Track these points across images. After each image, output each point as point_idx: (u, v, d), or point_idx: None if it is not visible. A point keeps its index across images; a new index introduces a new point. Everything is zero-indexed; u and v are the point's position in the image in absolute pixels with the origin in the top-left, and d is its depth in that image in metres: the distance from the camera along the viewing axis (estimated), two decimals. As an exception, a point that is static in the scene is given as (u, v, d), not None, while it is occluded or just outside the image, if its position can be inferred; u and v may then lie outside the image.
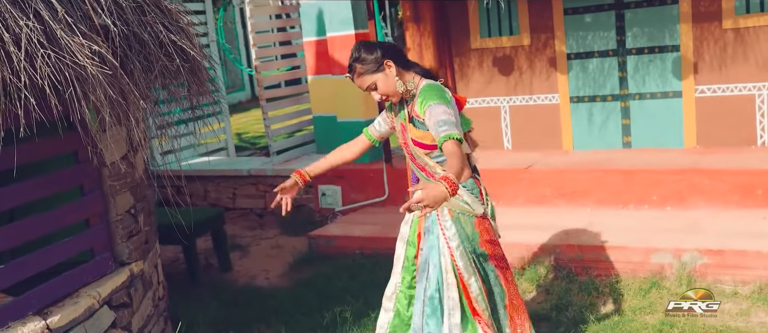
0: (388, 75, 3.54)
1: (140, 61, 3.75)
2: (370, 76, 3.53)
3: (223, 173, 8.76)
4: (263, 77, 8.61)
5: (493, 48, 7.73)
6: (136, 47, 3.73)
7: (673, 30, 6.95)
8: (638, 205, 6.47)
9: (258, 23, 8.72)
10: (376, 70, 3.52)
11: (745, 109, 6.79)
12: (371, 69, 3.52)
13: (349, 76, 3.60)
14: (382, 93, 3.56)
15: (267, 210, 8.51)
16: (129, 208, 4.24)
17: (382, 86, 3.54)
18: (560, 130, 7.61)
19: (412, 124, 3.62)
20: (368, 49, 3.56)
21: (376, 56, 3.54)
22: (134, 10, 3.74)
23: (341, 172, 7.86)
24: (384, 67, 3.54)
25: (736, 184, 6.11)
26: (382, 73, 3.53)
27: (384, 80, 3.53)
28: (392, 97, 3.61)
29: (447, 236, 3.63)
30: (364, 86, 3.55)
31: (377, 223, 7.10)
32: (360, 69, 3.53)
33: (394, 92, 3.58)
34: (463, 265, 3.62)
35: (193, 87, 4.17)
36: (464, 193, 3.61)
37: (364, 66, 3.52)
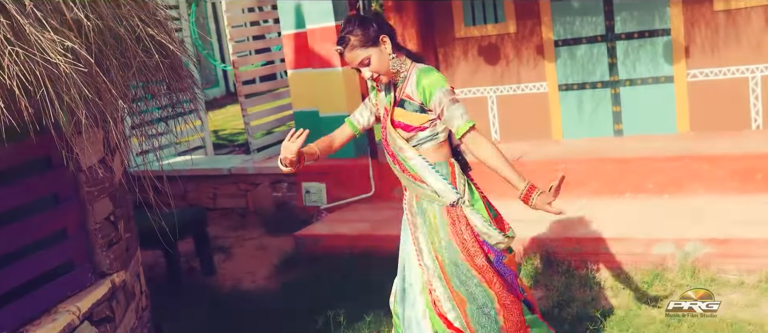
0: (383, 51, 3.33)
1: (117, 57, 3.48)
2: (365, 49, 3.30)
3: (202, 172, 8.47)
4: (241, 73, 8.32)
5: (479, 36, 7.52)
6: (111, 43, 3.46)
7: (663, 13, 6.78)
8: (634, 193, 6.30)
9: (234, 17, 8.44)
10: (371, 45, 3.31)
11: (738, 92, 6.64)
12: (366, 42, 3.30)
13: (339, 49, 3.34)
14: (375, 70, 3.34)
15: (249, 209, 8.25)
16: (108, 215, 3.97)
17: (376, 62, 3.32)
18: (549, 119, 7.42)
19: (401, 106, 3.41)
20: (364, 22, 3.34)
21: (372, 29, 3.32)
22: (108, 2, 3.48)
23: (325, 168, 7.62)
24: (380, 43, 3.33)
25: (735, 169, 5.96)
26: (377, 49, 3.32)
27: (378, 56, 3.32)
28: (383, 76, 3.38)
29: (415, 235, 3.46)
30: (356, 61, 3.32)
31: (365, 220, 6.87)
32: (354, 41, 3.30)
33: (387, 70, 3.37)
34: (431, 266, 3.44)
35: (173, 84, 3.91)
36: (434, 179, 3.39)
37: (359, 39, 3.29)
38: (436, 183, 3.40)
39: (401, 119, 3.38)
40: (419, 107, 3.35)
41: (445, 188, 3.40)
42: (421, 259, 3.49)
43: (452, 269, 3.39)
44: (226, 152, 10.80)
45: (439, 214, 3.39)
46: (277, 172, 7.94)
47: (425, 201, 3.44)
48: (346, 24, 3.35)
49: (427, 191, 3.42)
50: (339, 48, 3.32)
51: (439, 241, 3.40)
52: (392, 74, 3.38)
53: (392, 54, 3.35)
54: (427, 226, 3.42)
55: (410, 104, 3.37)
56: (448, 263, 3.39)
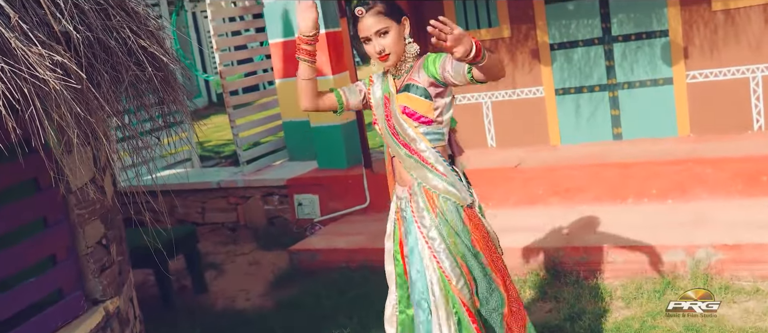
0: (401, 31, 3.18)
1: (108, 71, 3.28)
2: (387, 19, 3.13)
3: (190, 186, 8.22)
4: (228, 83, 8.10)
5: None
6: (102, 56, 3.25)
7: (660, 14, 6.65)
8: (637, 199, 6.16)
9: (219, 27, 8.22)
10: (394, 19, 3.16)
11: (739, 93, 6.52)
12: (390, 14, 3.15)
13: (359, 11, 3.15)
14: (389, 47, 3.15)
15: (239, 223, 8.02)
16: (100, 239, 3.75)
17: (393, 38, 3.15)
18: (546, 124, 7.27)
19: (406, 91, 3.22)
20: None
21: (398, 7, 3.21)
22: (98, 13, 3.27)
23: (319, 179, 7.43)
24: (402, 22, 3.19)
25: (739, 172, 5.83)
26: (398, 26, 3.17)
27: (397, 33, 3.16)
28: (392, 55, 3.19)
29: (426, 236, 3.24)
30: (374, 28, 3.13)
31: (361, 232, 6.67)
32: (380, 8, 3.14)
33: (399, 51, 3.20)
34: (449, 265, 3.21)
35: (166, 97, 3.70)
36: (449, 174, 3.24)
37: (385, 8, 3.15)
38: (450, 174, 3.25)
39: (407, 104, 3.22)
40: (424, 90, 3.17)
41: (458, 183, 3.26)
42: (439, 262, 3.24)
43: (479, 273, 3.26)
44: (212, 164, 10.56)
45: (459, 220, 3.22)
46: (267, 184, 7.75)
47: (444, 201, 3.24)
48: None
49: (439, 182, 3.23)
50: (361, 9, 3.15)
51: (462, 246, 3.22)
52: (399, 59, 3.21)
53: (410, 38, 3.21)
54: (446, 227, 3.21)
55: (416, 88, 3.20)
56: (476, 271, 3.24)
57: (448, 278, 3.21)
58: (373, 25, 3.13)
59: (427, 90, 3.16)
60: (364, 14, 3.15)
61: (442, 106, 3.21)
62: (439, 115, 3.21)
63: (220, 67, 7.96)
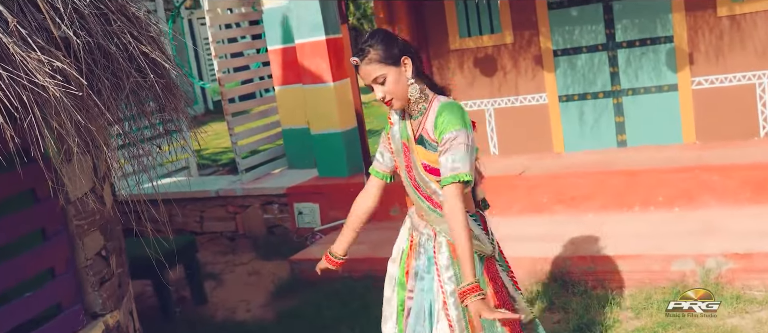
0: (402, 73, 3.03)
1: (108, 77, 3.18)
2: (383, 66, 3.00)
3: (188, 195, 8.12)
4: (227, 90, 8.00)
5: (474, 48, 7.28)
6: (102, 62, 3.15)
7: (665, 20, 6.58)
8: (644, 207, 6.07)
9: (217, 33, 8.12)
10: (391, 63, 3.01)
11: (745, 99, 6.44)
12: (386, 59, 3.00)
13: (354, 61, 3.03)
14: (389, 92, 3.03)
15: (238, 232, 7.91)
16: (99, 250, 3.65)
17: (392, 83, 3.01)
18: (550, 131, 7.18)
19: (422, 145, 3.10)
20: (389, 38, 3.06)
21: (396, 48, 3.04)
22: (98, 18, 3.17)
23: (319, 187, 7.33)
24: (401, 64, 3.03)
25: (747, 180, 5.75)
26: (397, 69, 3.02)
27: (396, 77, 3.02)
28: (396, 101, 3.06)
29: (442, 279, 3.12)
30: (371, 77, 3.01)
31: (363, 241, 6.52)
32: (373, 55, 2.99)
33: (402, 95, 3.05)
34: (455, 316, 3.08)
35: (168, 105, 3.60)
36: (472, 224, 3.08)
37: (379, 54, 3.00)
38: (475, 229, 3.10)
39: (426, 160, 3.08)
40: (437, 147, 3.03)
41: (482, 235, 3.13)
42: (446, 309, 3.13)
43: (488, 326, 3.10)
44: (210, 172, 10.46)
45: (479, 270, 3.08)
46: (267, 192, 7.64)
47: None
48: (369, 36, 3.06)
49: None
50: (355, 59, 3.02)
51: None
52: (407, 102, 3.09)
53: (411, 79, 3.05)
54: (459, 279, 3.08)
55: (429, 144, 3.06)
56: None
57: (452, 328, 3.11)
58: (369, 74, 3.01)
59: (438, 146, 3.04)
60: (359, 64, 3.02)
61: None
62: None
63: (218, 75, 7.86)
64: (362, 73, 3.04)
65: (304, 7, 7.21)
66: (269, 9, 7.79)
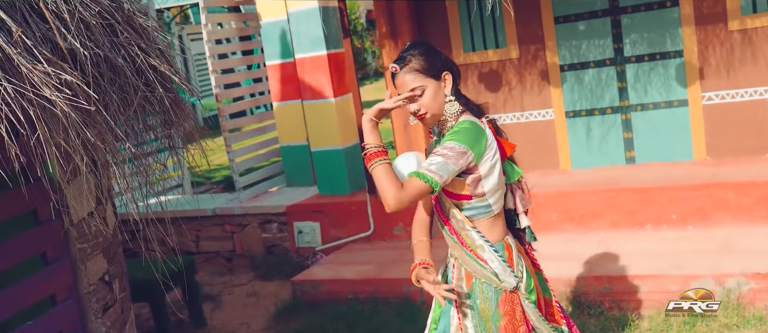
0: (441, 89, 2.87)
1: (115, 91, 3.00)
2: (423, 77, 2.83)
3: (184, 214, 7.88)
4: (225, 106, 7.80)
5: (479, 63, 7.13)
6: (109, 75, 2.97)
7: (674, 34, 6.45)
8: (656, 225, 5.92)
9: (214, 48, 7.93)
10: (432, 76, 2.84)
11: (756, 114, 6.31)
12: (427, 71, 2.83)
13: (393, 67, 2.85)
14: (425, 106, 2.84)
15: (236, 252, 7.70)
16: (102, 275, 3.45)
17: (429, 97, 2.83)
18: (557, 147, 7.03)
19: None
20: (432, 50, 2.90)
21: (437, 60, 2.88)
22: (104, 29, 2.99)
23: (320, 206, 7.14)
24: (441, 78, 2.87)
25: (764, 197, 5.61)
26: (436, 83, 2.85)
27: (435, 92, 2.84)
28: (430, 116, 2.87)
29: (463, 322, 2.94)
30: (408, 87, 2.83)
31: (368, 261, 6.38)
32: (415, 64, 2.83)
33: (438, 111, 2.87)
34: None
35: (178, 121, 3.43)
36: (493, 258, 2.89)
37: (421, 64, 2.83)
38: (495, 263, 2.90)
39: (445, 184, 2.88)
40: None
41: (504, 270, 2.89)
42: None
43: None
44: (204, 190, 10.24)
45: (494, 304, 2.88)
46: (265, 211, 7.45)
47: (481, 283, 2.92)
48: (411, 45, 2.90)
49: (486, 271, 2.90)
50: (395, 66, 2.85)
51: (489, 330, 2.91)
52: (440, 120, 2.92)
53: (451, 96, 2.88)
54: (478, 314, 2.91)
55: None
56: None
57: None
58: (408, 83, 2.83)
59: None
60: (398, 71, 2.85)
61: (475, 180, 2.84)
62: (477, 189, 2.87)
63: (215, 90, 7.66)
64: (399, 82, 2.86)
65: (305, 22, 7.05)
66: (267, 23, 7.62)
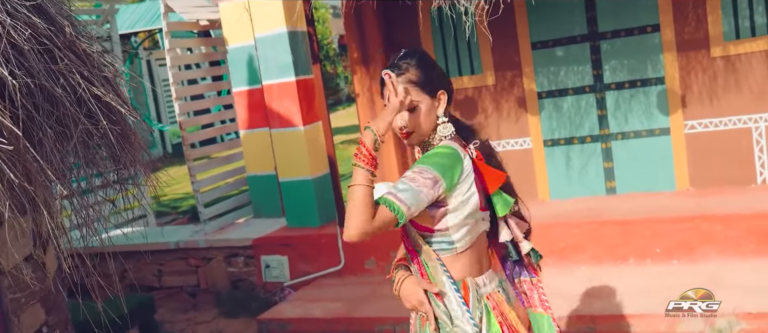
0: (434, 108, 2.58)
1: (52, 125, 2.68)
2: (418, 92, 2.53)
3: (145, 247, 7.50)
4: (189, 134, 7.46)
5: (454, 89, 6.85)
6: (45, 107, 2.66)
7: (656, 61, 6.25)
8: (640, 259, 5.67)
9: (178, 74, 7.61)
10: (427, 92, 2.56)
11: (740, 143, 6.11)
12: (424, 85, 2.55)
13: (388, 74, 2.53)
14: (414, 124, 2.55)
15: (200, 287, 7.33)
16: (40, 327, 3.09)
17: (423, 115, 2.54)
18: (534, 177, 6.78)
19: None
20: (429, 61, 2.62)
21: (435, 75, 2.60)
22: (40, 55, 2.68)
23: (288, 239, 6.81)
24: (436, 96, 2.58)
25: (752, 230, 5.38)
26: (430, 100, 2.57)
27: (429, 109, 2.56)
28: (416, 135, 2.59)
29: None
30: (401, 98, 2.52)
31: (339, 298, 6.05)
32: (412, 75, 2.53)
33: (426, 132, 2.58)
34: None
35: (124, 155, 3.10)
36: (452, 298, 2.57)
37: (418, 76, 2.54)
38: (453, 304, 2.57)
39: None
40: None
41: (462, 315, 2.56)
42: None
43: None
44: (169, 221, 9.88)
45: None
46: (231, 244, 7.10)
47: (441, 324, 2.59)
48: (408, 53, 2.59)
49: (440, 310, 2.57)
50: (389, 72, 2.53)
51: None
52: (425, 141, 2.62)
53: (444, 118, 2.60)
54: None
55: None
56: None
57: None
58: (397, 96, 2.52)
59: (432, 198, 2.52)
60: (388, 80, 2.53)
61: (440, 214, 2.54)
62: (440, 222, 2.57)
63: (179, 118, 7.32)
64: (387, 92, 2.55)
65: (273, 47, 6.75)
66: (234, 48, 7.32)
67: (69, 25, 2.95)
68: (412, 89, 2.52)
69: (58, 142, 2.66)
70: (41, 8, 2.85)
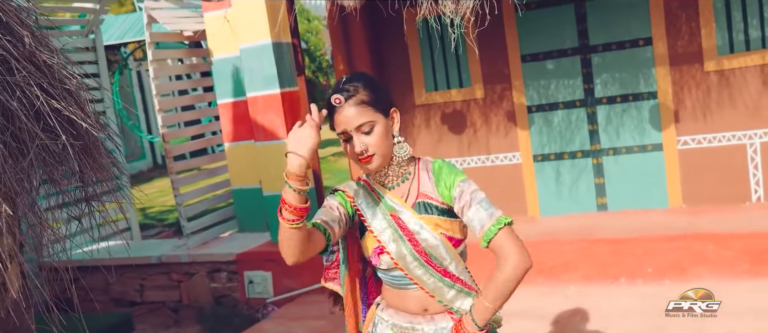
0: (389, 128, 2.45)
1: (6, 141, 2.52)
2: (372, 112, 2.38)
3: (127, 262, 7.35)
4: (172, 147, 7.29)
5: (442, 103, 6.74)
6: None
7: (648, 75, 6.13)
8: (631, 279, 5.52)
9: (162, 85, 7.45)
10: (381, 112, 2.41)
11: (735, 160, 5.98)
12: (376, 105, 2.40)
13: (337, 99, 2.37)
14: (374, 146, 2.40)
15: (182, 303, 7.16)
16: (-4, 353, 2.93)
17: (380, 136, 2.40)
18: (524, 193, 6.64)
19: (427, 212, 2.49)
20: (375, 82, 2.46)
21: (384, 95, 2.45)
22: (-6, 66, 2.53)
23: (272, 254, 6.65)
24: (391, 115, 2.45)
25: (746, 250, 5.25)
26: (385, 120, 2.42)
27: (384, 130, 2.41)
28: (378, 157, 2.43)
29: None
30: (355, 123, 2.37)
31: (323, 316, 5.89)
32: (363, 96, 2.38)
33: (387, 153, 2.44)
34: None
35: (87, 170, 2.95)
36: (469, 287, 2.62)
37: (369, 97, 2.39)
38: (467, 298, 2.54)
39: (446, 230, 2.49)
40: (448, 210, 2.46)
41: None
42: None
43: None
44: (155, 233, 9.72)
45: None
46: (215, 259, 6.94)
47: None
48: (352, 77, 2.44)
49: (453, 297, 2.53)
50: (338, 97, 2.37)
51: None
52: (387, 161, 2.48)
53: (400, 137, 2.47)
54: None
55: (437, 208, 2.47)
56: None
57: None
58: (354, 119, 2.38)
59: (449, 208, 2.47)
60: (342, 103, 2.38)
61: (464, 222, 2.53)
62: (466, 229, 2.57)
63: (162, 130, 7.16)
64: (343, 117, 2.38)
65: (257, 58, 6.60)
66: (219, 60, 7.18)
67: (29, 35, 2.80)
68: (365, 110, 2.37)
69: (11, 158, 2.50)
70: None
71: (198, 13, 7.51)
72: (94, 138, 3.00)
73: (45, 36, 2.99)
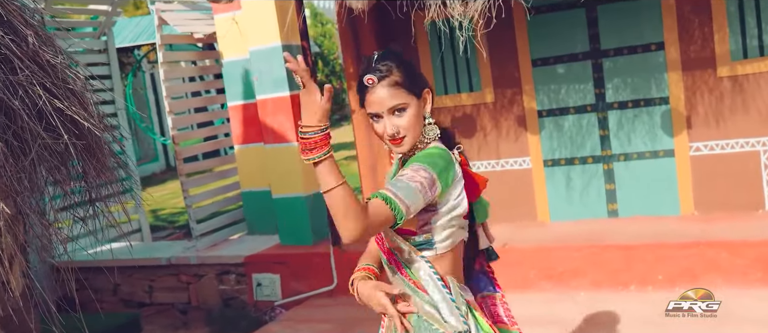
0: (421, 108, 2.41)
1: (8, 140, 2.51)
2: (406, 95, 2.35)
3: (136, 263, 7.34)
4: (182, 149, 7.29)
5: (452, 107, 6.70)
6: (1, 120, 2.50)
7: (660, 80, 6.06)
8: (641, 286, 5.46)
9: (173, 87, 7.44)
10: (414, 94, 2.38)
11: (748, 167, 5.91)
12: (411, 86, 2.37)
13: (370, 79, 2.35)
14: (405, 128, 2.36)
15: (191, 304, 7.16)
16: (-1, 353, 2.92)
17: (412, 117, 2.36)
18: (534, 198, 6.59)
19: None
20: (408, 62, 2.43)
21: (419, 76, 2.43)
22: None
23: (281, 256, 6.65)
24: (423, 95, 2.42)
25: (759, 258, 5.18)
26: (418, 102, 2.39)
27: (417, 110, 2.38)
28: (409, 140, 2.39)
29: None
30: (388, 104, 2.33)
31: (329, 319, 5.87)
32: (397, 77, 2.34)
33: (417, 135, 2.40)
34: None
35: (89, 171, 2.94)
36: (435, 291, 2.43)
37: (403, 77, 2.36)
38: (440, 299, 2.42)
39: None
40: None
41: (449, 309, 2.42)
42: None
43: None
44: (166, 235, 9.73)
45: None
46: (223, 261, 6.94)
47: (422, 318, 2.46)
48: (385, 55, 2.40)
49: (425, 306, 2.43)
50: (371, 77, 2.34)
51: None
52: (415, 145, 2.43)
53: (431, 119, 2.43)
54: None
55: None
56: None
57: None
58: (386, 100, 2.34)
59: None
60: (375, 84, 2.34)
61: (427, 217, 2.40)
62: (425, 226, 2.42)
63: (173, 132, 7.16)
64: (376, 97, 2.35)
65: (267, 61, 6.60)
66: (229, 62, 7.18)
67: (33, 35, 2.79)
68: (398, 92, 2.34)
69: (13, 158, 2.49)
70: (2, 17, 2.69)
71: (209, 16, 7.51)
72: (97, 138, 2.99)
73: (50, 36, 2.99)
